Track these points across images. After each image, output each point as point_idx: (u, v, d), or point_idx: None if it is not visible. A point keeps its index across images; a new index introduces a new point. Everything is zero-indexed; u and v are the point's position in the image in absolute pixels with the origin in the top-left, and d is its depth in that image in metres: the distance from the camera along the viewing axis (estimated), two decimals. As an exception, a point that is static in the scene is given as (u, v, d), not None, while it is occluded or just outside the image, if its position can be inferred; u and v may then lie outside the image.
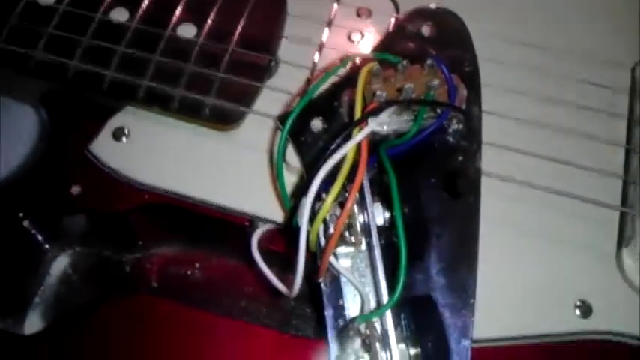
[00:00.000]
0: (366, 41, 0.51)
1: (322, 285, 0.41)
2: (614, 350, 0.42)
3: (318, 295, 0.41)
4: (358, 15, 0.53)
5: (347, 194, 0.39)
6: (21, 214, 0.46)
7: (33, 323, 0.48)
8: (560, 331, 0.42)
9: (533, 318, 0.42)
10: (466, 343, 0.40)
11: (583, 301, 0.42)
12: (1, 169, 0.50)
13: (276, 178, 0.43)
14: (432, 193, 0.43)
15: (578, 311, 0.42)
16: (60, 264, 0.51)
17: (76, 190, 0.46)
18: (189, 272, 0.49)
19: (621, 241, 0.44)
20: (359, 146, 0.40)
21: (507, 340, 0.42)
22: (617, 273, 0.44)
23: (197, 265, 0.49)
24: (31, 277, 0.50)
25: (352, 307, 0.40)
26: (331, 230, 0.39)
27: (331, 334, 0.39)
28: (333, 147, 0.39)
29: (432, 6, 0.51)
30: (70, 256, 0.51)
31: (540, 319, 0.42)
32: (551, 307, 0.43)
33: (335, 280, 0.41)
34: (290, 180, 0.45)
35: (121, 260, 0.51)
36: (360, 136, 0.39)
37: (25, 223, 0.46)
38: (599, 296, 0.43)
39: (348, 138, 0.40)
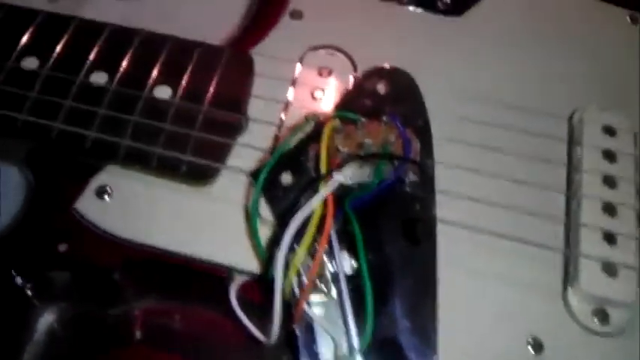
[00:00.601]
0: (328, 98, 0.55)
1: (297, 332, 0.44)
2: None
3: (294, 342, 0.44)
4: (319, 74, 0.56)
5: (317, 245, 0.43)
6: (13, 272, 0.48)
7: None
8: (514, 368, 0.46)
9: (491, 356, 0.46)
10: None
11: (534, 338, 0.46)
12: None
13: (251, 231, 0.47)
14: (393, 240, 0.47)
15: (530, 348, 0.46)
16: (46, 319, 0.53)
17: (62, 247, 0.49)
18: (171, 324, 0.52)
19: (567, 282, 0.48)
20: (325, 200, 0.44)
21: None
22: (564, 311, 0.47)
23: (178, 317, 0.52)
24: (20, 332, 0.52)
25: (326, 353, 0.43)
26: (304, 280, 0.43)
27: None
28: (301, 203, 0.43)
29: (386, 65, 0.56)
30: (55, 312, 0.53)
31: (498, 356, 0.46)
32: (506, 344, 0.46)
33: (309, 327, 0.44)
34: (265, 232, 0.48)
35: (105, 315, 0.53)
36: (325, 190, 0.44)
37: (18, 280, 0.49)
38: (549, 333, 0.46)
39: (315, 192, 0.44)
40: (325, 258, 0.44)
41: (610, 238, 0.49)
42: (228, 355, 0.50)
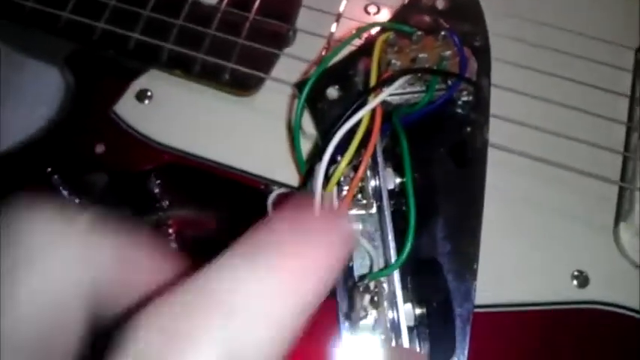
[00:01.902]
0: (381, 13, 0.53)
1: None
2: (611, 321, 0.44)
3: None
4: (375, -13, 0.54)
5: (360, 158, 0.41)
6: (49, 169, 0.48)
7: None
8: (557, 300, 0.44)
9: (531, 286, 0.44)
10: (469, 307, 0.42)
11: (580, 272, 0.44)
12: (28, 127, 0.52)
13: (293, 143, 0.45)
14: (440, 162, 0.45)
15: (575, 281, 0.44)
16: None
17: (100, 148, 0.48)
18: (205, 234, 0.52)
19: (619, 216, 0.46)
20: (373, 112, 0.42)
21: (507, 306, 0.44)
22: (614, 247, 0.45)
23: (211, 229, 0.52)
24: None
25: (360, 270, 0.42)
26: (344, 192, 0.41)
27: (340, 292, 0.41)
28: (348, 112, 0.41)
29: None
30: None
31: (538, 287, 0.44)
32: (549, 276, 0.44)
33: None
34: (306, 146, 0.47)
35: (140, 221, 0.53)
36: (374, 102, 0.41)
37: (54, 179, 0.48)
38: (597, 268, 0.44)
39: (363, 104, 0.42)
40: (368, 172, 0.42)
41: (671, 174, 0.46)
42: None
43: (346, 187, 0.41)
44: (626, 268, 0.45)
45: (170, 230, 0.52)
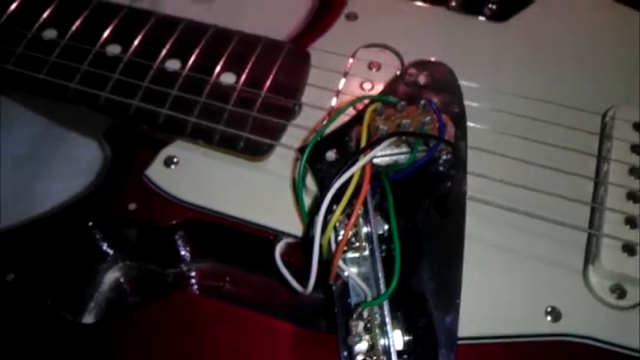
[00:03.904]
0: (375, 89, 0.61)
1: (333, 287, 0.49)
2: (583, 351, 0.49)
3: (330, 296, 0.49)
4: (369, 68, 0.62)
5: (353, 207, 0.48)
6: (91, 223, 0.55)
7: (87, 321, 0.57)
8: (532, 333, 0.49)
9: (510, 321, 0.50)
10: (452, 337, 0.47)
11: (553, 308, 0.50)
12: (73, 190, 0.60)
13: (297, 198, 0.53)
14: (424, 212, 0.52)
15: (549, 317, 0.49)
16: (112, 275, 0.60)
17: (132, 206, 0.56)
18: (222, 285, 0.59)
19: (588, 260, 0.52)
20: (364, 169, 0.49)
21: (488, 338, 0.49)
22: (584, 286, 0.51)
23: (228, 279, 0.59)
24: (89, 283, 0.59)
25: (355, 302, 0.48)
26: (340, 237, 0.48)
27: (340, 322, 0.47)
28: (343, 168, 0.49)
29: (430, 58, 0.61)
30: (121, 269, 0.60)
31: (516, 322, 0.49)
32: (525, 312, 0.50)
33: (344, 283, 0.49)
34: (309, 202, 0.54)
35: (164, 274, 0.60)
36: (365, 159, 0.49)
37: (95, 232, 0.56)
38: (568, 304, 0.50)
39: (356, 161, 0.49)
40: (361, 221, 0.49)
41: (631, 222, 0.52)
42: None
43: (342, 232, 0.48)
44: (595, 305, 0.50)
45: (190, 281, 0.59)
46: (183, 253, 0.59)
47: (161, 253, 0.59)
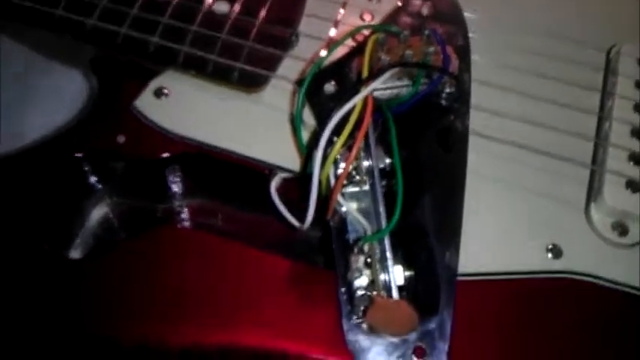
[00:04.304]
0: (375, 20, 0.59)
1: (331, 223, 0.48)
2: (585, 288, 0.48)
3: (328, 233, 0.48)
4: (370, -1, 0.60)
5: (354, 139, 0.46)
6: (79, 155, 0.53)
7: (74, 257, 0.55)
8: (533, 269, 0.48)
9: (510, 258, 0.48)
10: (452, 273, 0.47)
11: (555, 245, 0.49)
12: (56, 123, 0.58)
13: (295, 132, 0.51)
14: (426, 146, 0.50)
15: (549, 254, 0.49)
16: (100, 211, 0.58)
17: (121, 139, 0.53)
18: (214, 221, 0.57)
19: (590, 197, 0.51)
20: (365, 103, 0.48)
21: (488, 275, 0.48)
22: (586, 224, 0.50)
23: (221, 215, 0.57)
24: (76, 217, 0.57)
25: (355, 236, 0.47)
26: (340, 170, 0.46)
27: (338, 255, 0.46)
28: (343, 99, 0.47)
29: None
30: (109, 205, 0.58)
31: (516, 259, 0.48)
32: (526, 249, 0.49)
33: (342, 218, 0.48)
34: (307, 136, 0.52)
35: (153, 209, 0.58)
36: (366, 90, 0.47)
37: (82, 165, 0.54)
38: (570, 242, 0.49)
39: (357, 92, 0.47)
40: (362, 154, 0.47)
41: (635, 158, 0.51)
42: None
43: (342, 165, 0.46)
44: (597, 242, 0.50)
45: (183, 217, 0.57)
46: (173, 187, 0.57)
47: (151, 187, 0.57)
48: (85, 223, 0.58)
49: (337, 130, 0.46)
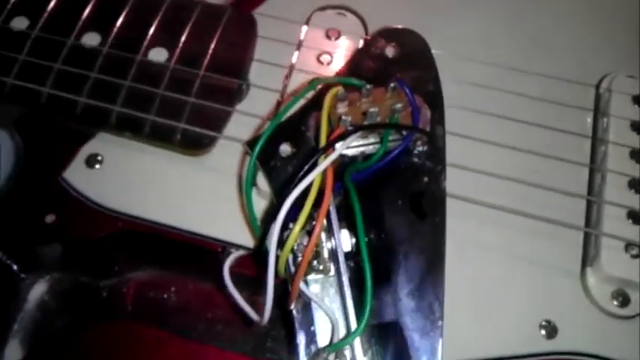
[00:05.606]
0: (335, 62, 0.52)
1: (294, 312, 0.42)
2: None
3: (290, 322, 0.42)
4: (327, 37, 0.53)
5: (314, 222, 0.40)
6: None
7: (13, 351, 0.48)
8: (525, 352, 0.43)
9: (500, 340, 0.43)
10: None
11: (548, 322, 0.43)
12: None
13: (246, 204, 0.44)
14: (398, 215, 0.44)
15: (543, 331, 0.43)
16: (37, 290, 0.51)
17: (50, 218, 0.46)
18: (164, 296, 0.50)
19: (585, 262, 0.45)
20: (325, 173, 0.41)
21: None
22: (582, 293, 0.45)
23: (172, 289, 0.50)
24: (10, 304, 0.50)
25: (323, 333, 0.40)
26: (300, 259, 0.40)
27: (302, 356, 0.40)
28: (299, 175, 0.40)
29: (397, 26, 0.52)
30: (47, 282, 0.51)
31: (507, 341, 0.43)
32: (517, 328, 0.44)
33: (306, 306, 0.41)
34: (260, 204, 0.46)
35: (98, 286, 0.51)
36: (325, 163, 0.40)
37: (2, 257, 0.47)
38: (565, 316, 0.44)
39: (315, 165, 0.41)
40: (323, 235, 0.41)
41: (634, 216, 0.45)
42: (224, 331, 0.47)
43: (300, 255, 0.40)
44: (594, 314, 0.44)
45: (127, 293, 0.50)
46: (117, 265, 0.50)
47: (91, 264, 0.50)
48: (23, 305, 0.51)
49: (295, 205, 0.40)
